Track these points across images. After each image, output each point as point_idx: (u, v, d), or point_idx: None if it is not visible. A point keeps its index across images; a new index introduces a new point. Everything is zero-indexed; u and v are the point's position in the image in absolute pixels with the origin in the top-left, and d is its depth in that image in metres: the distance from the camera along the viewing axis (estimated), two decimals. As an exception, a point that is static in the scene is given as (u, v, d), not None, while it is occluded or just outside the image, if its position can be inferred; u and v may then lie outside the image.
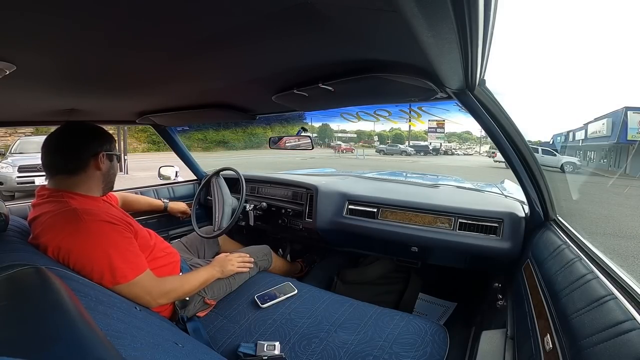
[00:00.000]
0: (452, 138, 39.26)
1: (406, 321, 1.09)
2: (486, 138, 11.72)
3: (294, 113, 1.49)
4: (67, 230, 0.87)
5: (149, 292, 0.96)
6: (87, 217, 0.90)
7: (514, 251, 1.25)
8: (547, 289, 0.78)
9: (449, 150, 32.58)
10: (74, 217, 0.89)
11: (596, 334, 0.52)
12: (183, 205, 1.93)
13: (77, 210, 0.91)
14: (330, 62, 0.72)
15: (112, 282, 0.88)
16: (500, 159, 9.04)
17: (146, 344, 0.60)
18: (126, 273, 0.91)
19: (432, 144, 30.70)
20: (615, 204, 6.12)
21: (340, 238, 1.74)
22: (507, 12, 8.21)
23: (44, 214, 0.91)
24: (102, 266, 0.87)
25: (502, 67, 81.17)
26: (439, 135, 32.44)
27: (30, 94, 0.95)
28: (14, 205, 1.46)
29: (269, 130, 24.13)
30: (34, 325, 0.42)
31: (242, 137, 25.92)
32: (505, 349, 0.88)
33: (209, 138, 23.95)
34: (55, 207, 0.92)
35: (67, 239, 0.86)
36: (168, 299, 1.04)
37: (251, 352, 0.96)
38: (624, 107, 10.97)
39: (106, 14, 0.44)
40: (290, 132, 4.12)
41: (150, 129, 1.93)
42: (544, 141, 17.96)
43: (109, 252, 0.89)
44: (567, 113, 37.12)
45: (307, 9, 0.44)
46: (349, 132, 37.83)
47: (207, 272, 1.20)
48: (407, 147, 28.24)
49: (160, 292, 1.00)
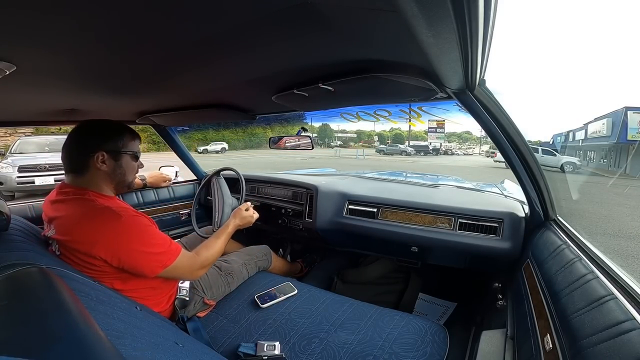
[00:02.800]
0: (452, 138, 39.13)
1: (406, 321, 1.09)
2: (486, 138, 11.70)
3: (294, 113, 1.49)
4: (110, 228, 0.89)
5: (190, 267, 1.05)
6: (124, 213, 0.93)
7: (514, 251, 1.25)
8: (547, 289, 0.78)
9: (449, 150, 32.50)
10: (111, 215, 0.91)
11: (596, 334, 0.52)
12: (160, 175, 2.01)
13: (111, 208, 0.93)
14: (331, 62, 0.72)
15: (163, 266, 0.95)
16: (500, 158, 9.01)
17: (146, 343, 0.60)
18: (170, 256, 0.98)
19: (432, 144, 30.65)
20: (615, 204, 6.11)
21: (340, 238, 1.74)
22: (508, 11, 8.04)
23: (75, 214, 0.92)
24: (150, 255, 0.93)
25: (502, 67, 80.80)
26: (439, 135, 32.39)
27: (31, 94, 0.95)
28: (14, 205, 1.46)
29: (268, 130, 24.17)
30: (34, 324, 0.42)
31: (242, 136, 25.95)
32: (505, 349, 0.88)
33: (208, 138, 23.97)
34: (84, 206, 0.93)
35: (112, 236, 0.89)
36: (206, 269, 1.14)
37: (251, 352, 0.96)
38: (624, 107, 10.94)
39: (106, 14, 0.44)
40: (290, 132, 4.13)
41: (150, 129, 1.93)
42: (544, 141, 17.85)
43: (152, 241, 0.95)
44: (568, 113, 37.17)
45: (307, 9, 0.44)
46: (349, 132, 37.75)
47: (224, 230, 1.27)
48: (407, 147, 28.22)
49: (199, 264, 1.08)
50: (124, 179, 1.06)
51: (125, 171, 1.05)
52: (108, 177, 1.02)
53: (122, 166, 1.04)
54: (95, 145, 0.98)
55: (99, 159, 0.98)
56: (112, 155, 1.01)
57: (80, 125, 1.02)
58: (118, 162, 1.03)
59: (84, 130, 1.01)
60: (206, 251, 1.14)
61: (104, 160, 0.99)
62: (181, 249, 1.02)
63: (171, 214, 2.10)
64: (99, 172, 0.99)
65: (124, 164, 1.04)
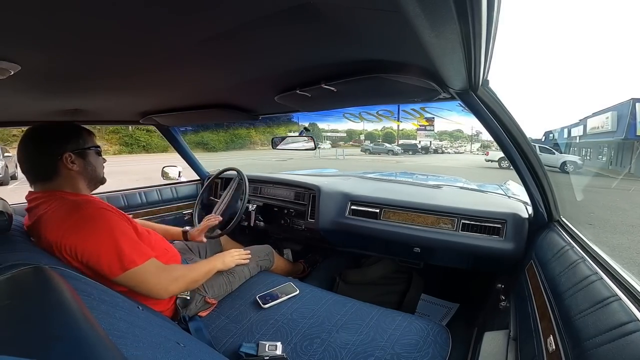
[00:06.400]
0: (444, 136, 38.12)
1: (408, 322, 1.09)
2: (477, 136, 11.28)
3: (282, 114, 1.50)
4: (69, 220, 0.87)
5: (157, 278, 0.96)
6: (88, 205, 0.91)
7: (517, 252, 1.24)
8: (551, 290, 0.77)
9: (439, 148, 30.88)
10: (74, 206, 0.90)
11: (599, 335, 0.52)
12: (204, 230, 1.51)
13: (77, 200, 0.92)
14: (333, 63, 0.72)
15: (122, 267, 0.88)
16: (492, 157, 9.03)
17: (148, 343, 0.60)
18: (134, 258, 0.91)
19: (421, 142, 29.30)
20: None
21: (342, 238, 1.74)
22: (511, 11, 7.86)
23: (44, 214, 0.90)
24: (109, 252, 0.88)
25: (502, 67, 79.72)
26: (429, 133, 31.02)
27: (34, 94, 0.95)
28: (17, 205, 1.47)
29: (252, 130, 24.89)
30: (36, 324, 0.42)
31: (224, 137, 25.62)
32: (507, 349, 0.87)
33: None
34: (53, 204, 0.91)
35: (70, 230, 0.86)
36: (178, 286, 1.03)
37: (253, 352, 0.96)
38: (630, 99, 9.78)
39: (110, 14, 0.44)
40: (276, 131, 4.13)
41: (121, 130, 1.93)
42: (535, 138, 16.40)
43: (114, 236, 0.90)
44: (559, 109, 36.03)
45: (309, 10, 0.44)
46: (340, 132, 36.70)
47: (209, 263, 1.21)
48: (394, 146, 26.92)
49: (169, 278, 1.00)
50: (96, 174, 1.07)
51: (95, 167, 1.06)
52: (81, 175, 1.01)
53: (91, 162, 1.05)
54: (59, 148, 0.97)
55: (67, 160, 0.97)
56: (78, 154, 1.00)
57: (30, 135, 0.98)
58: (86, 160, 1.03)
59: (39, 138, 0.98)
60: (184, 269, 1.10)
61: (72, 161, 0.98)
62: (152, 257, 0.97)
63: (174, 214, 2.10)
64: (71, 172, 0.98)
65: (92, 160, 1.05)
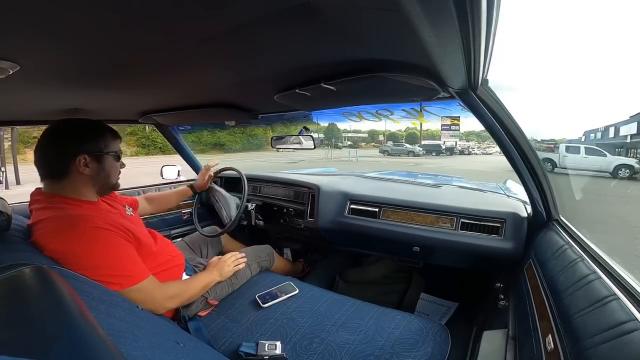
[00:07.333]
0: (471, 137, 36.49)
1: (407, 321, 1.09)
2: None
3: (298, 112, 1.50)
4: (61, 237, 0.84)
5: (152, 297, 0.94)
6: (81, 224, 0.86)
7: (516, 251, 1.24)
8: (549, 289, 0.78)
9: (465, 149, 28.32)
10: (68, 223, 0.85)
11: (598, 335, 0.52)
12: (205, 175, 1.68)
13: (73, 216, 0.87)
14: (333, 62, 0.72)
15: (115, 287, 0.85)
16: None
17: (147, 343, 0.60)
18: (127, 279, 0.88)
19: (445, 143, 27.31)
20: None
21: (342, 238, 1.74)
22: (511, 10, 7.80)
23: (43, 221, 0.87)
24: (101, 274, 0.84)
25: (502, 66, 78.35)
26: (454, 133, 28.20)
27: (34, 93, 0.95)
28: (16, 204, 1.47)
29: (269, 131, 23.62)
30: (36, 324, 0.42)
31: (241, 137, 25.44)
32: (506, 349, 0.88)
33: (202, 140, 23.46)
34: (52, 213, 0.88)
35: (62, 245, 0.83)
36: (174, 303, 1.03)
37: (252, 351, 0.96)
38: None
39: (110, 14, 0.44)
40: (293, 132, 4.13)
41: (139, 132, 1.93)
42: (572, 138, 14.10)
43: (106, 259, 0.86)
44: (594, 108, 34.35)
45: (309, 9, 0.44)
46: (362, 132, 34.85)
47: (206, 276, 1.19)
48: (415, 147, 25.68)
49: (165, 296, 0.98)
50: (108, 181, 1.01)
51: (109, 173, 1.00)
52: (91, 180, 0.96)
53: (106, 168, 0.98)
54: (76, 148, 0.92)
55: (80, 162, 0.92)
56: (95, 157, 0.95)
57: (55, 127, 0.93)
58: (101, 164, 0.97)
59: (61, 132, 0.93)
60: (182, 286, 1.09)
61: (86, 164, 0.93)
62: (149, 276, 0.94)
63: (173, 213, 2.10)
64: (81, 176, 0.93)
65: (107, 166, 0.99)
